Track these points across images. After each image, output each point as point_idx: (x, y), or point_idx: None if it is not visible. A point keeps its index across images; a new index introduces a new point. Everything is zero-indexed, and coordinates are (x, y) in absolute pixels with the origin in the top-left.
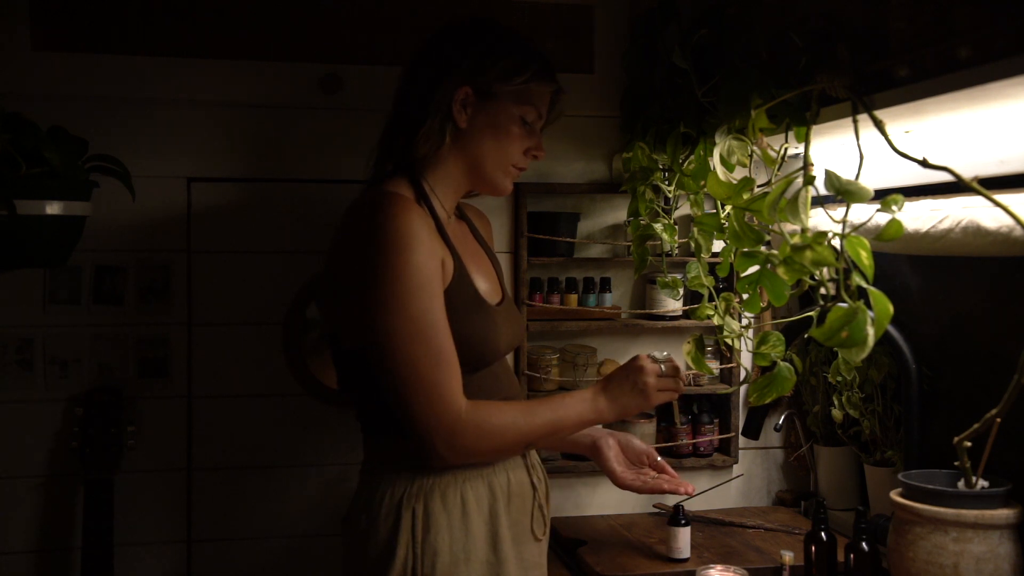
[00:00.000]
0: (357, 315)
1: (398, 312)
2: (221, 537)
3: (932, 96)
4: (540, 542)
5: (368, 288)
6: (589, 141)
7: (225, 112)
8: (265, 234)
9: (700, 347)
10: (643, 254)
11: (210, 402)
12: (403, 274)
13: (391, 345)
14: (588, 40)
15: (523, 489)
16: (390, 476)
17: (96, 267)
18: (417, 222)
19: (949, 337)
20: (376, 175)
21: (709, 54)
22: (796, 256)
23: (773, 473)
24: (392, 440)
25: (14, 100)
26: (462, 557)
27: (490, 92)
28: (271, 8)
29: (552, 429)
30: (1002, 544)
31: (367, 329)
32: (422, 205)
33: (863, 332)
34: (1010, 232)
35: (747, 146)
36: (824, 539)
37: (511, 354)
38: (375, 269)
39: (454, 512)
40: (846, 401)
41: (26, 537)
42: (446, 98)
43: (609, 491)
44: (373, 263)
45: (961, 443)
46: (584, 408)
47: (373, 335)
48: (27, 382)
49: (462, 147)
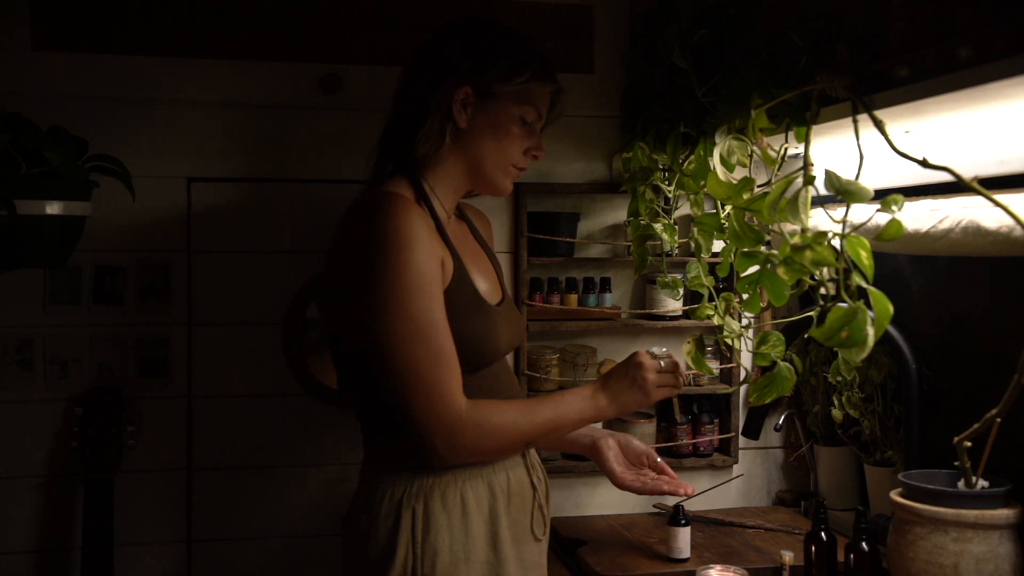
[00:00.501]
0: (357, 315)
1: (398, 312)
2: (221, 537)
3: (932, 96)
4: (540, 542)
5: (368, 288)
6: (589, 141)
7: (225, 112)
8: (265, 234)
9: (700, 347)
10: (643, 254)
11: (210, 402)
12: (403, 274)
13: (391, 345)
14: (588, 40)
15: (523, 489)
16: (390, 476)
17: (96, 267)
18: (417, 222)
19: (949, 337)
20: (376, 175)
21: (709, 54)
22: (796, 256)
23: (773, 473)
24: (392, 440)
25: (14, 100)
26: (462, 557)
27: (490, 92)
28: (271, 8)
29: (552, 427)
30: (1002, 544)
31: (367, 329)
32: (422, 205)
33: (863, 332)
34: (1010, 232)
35: (747, 146)
36: (824, 539)
37: (511, 354)
38: (375, 269)
39: (454, 512)
40: (846, 401)
41: (26, 537)
42: (446, 98)
43: (609, 491)
44: (373, 263)
45: (961, 443)
46: (584, 406)
47: (373, 335)
48: (27, 382)
49: (462, 147)
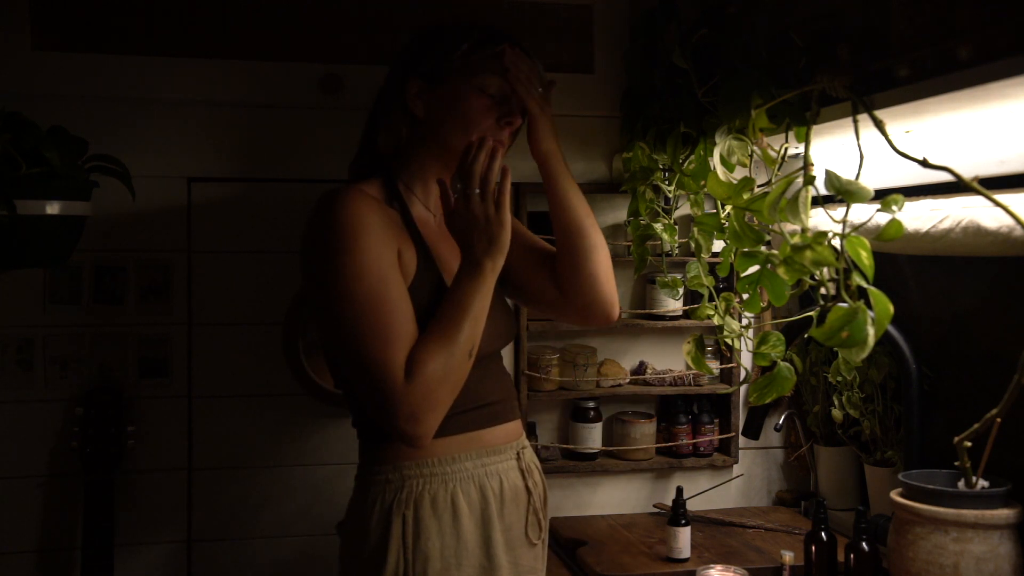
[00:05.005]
0: (319, 308)
1: (344, 297)
2: (221, 537)
3: (932, 96)
4: (536, 546)
5: (318, 278)
6: (589, 141)
7: (225, 112)
8: (265, 234)
9: (700, 347)
10: (643, 254)
11: (210, 402)
12: (348, 260)
13: (338, 331)
14: (588, 40)
15: (517, 494)
16: (381, 481)
17: (96, 267)
18: (363, 210)
19: (949, 337)
20: (352, 179)
21: (709, 54)
22: (796, 256)
23: (773, 473)
24: (382, 443)
25: (14, 100)
26: (453, 562)
27: (437, 76)
28: (271, 8)
29: (468, 319)
30: (1002, 544)
31: (322, 320)
32: (393, 206)
33: (863, 332)
34: (1010, 232)
35: (747, 146)
36: (824, 539)
37: (511, 355)
38: (323, 258)
39: (444, 517)
40: (846, 401)
41: (26, 537)
42: (399, 94)
43: (609, 491)
44: (322, 255)
45: (961, 443)
46: (466, 281)
47: (326, 324)
48: (27, 382)
49: (428, 135)
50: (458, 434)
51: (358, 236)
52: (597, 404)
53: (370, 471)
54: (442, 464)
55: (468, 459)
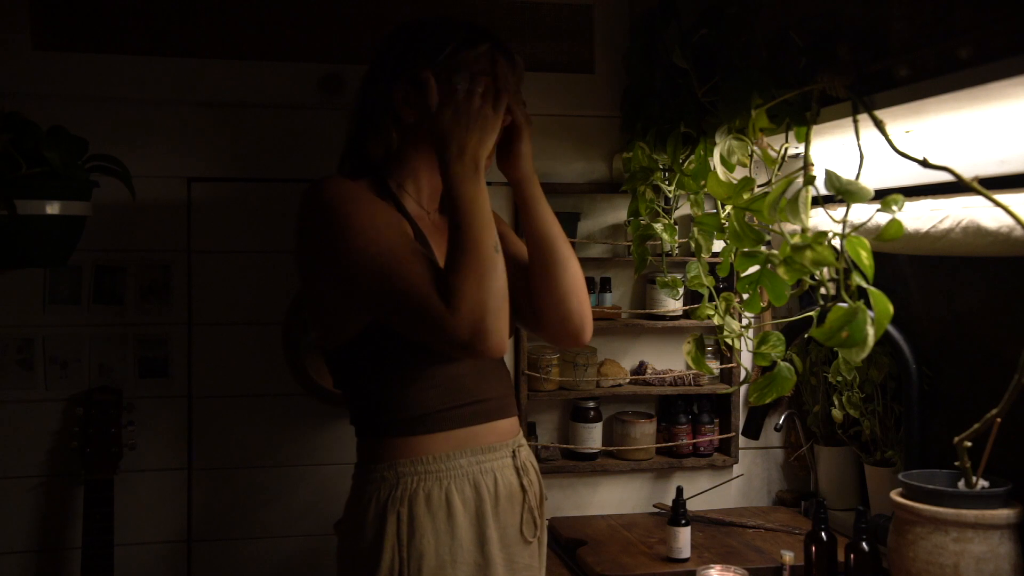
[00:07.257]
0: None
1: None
2: (221, 537)
3: (932, 96)
4: (531, 544)
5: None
6: (589, 141)
7: (225, 112)
8: (265, 234)
9: (700, 347)
10: (643, 254)
11: (210, 402)
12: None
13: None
14: (588, 40)
15: (512, 492)
16: (376, 479)
17: (96, 267)
18: (352, 186)
19: (949, 337)
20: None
21: (709, 54)
22: (796, 256)
23: (773, 473)
24: (379, 441)
25: (14, 100)
26: (448, 560)
27: None
28: (271, 8)
29: (477, 221)
30: (1002, 544)
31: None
32: (386, 200)
33: (863, 332)
34: (1010, 232)
35: (747, 146)
36: (824, 539)
37: (511, 355)
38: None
39: (439, 515)
40: (846, 401)
41: (26, 537)
42: (387, 103)
43: (609, 491)
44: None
45: (961, 443)
46: (465, 182)
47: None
48: (27, 382)
49: (421, 139)
50: (453, 430)
51: (352, 201)
52: (597, 404)
53: (366, 469)
54: (437, 462)
55: (463, 456)
